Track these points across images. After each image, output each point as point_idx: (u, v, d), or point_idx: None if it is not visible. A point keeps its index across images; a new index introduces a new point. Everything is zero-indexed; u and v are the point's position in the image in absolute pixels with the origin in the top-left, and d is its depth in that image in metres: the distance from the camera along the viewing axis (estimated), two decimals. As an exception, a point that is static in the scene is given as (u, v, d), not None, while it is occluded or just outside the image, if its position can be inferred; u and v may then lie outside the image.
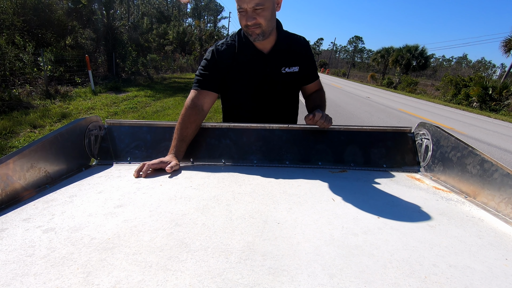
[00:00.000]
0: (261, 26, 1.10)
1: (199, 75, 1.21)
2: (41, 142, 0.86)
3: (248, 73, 1.23)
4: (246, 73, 1.23)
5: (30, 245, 0.55)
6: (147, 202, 0.74)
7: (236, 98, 1.30)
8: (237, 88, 1.27)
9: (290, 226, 0.65)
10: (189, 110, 1.14)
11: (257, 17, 1.08)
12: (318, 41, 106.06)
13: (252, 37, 1.13)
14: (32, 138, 4.33)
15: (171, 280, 0.47)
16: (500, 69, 67.54)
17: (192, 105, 1.15)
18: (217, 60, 1.20)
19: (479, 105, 15.95)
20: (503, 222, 0.73)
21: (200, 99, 1.17)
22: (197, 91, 1.18)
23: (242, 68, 1.22)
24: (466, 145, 0.93)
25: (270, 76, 1.24)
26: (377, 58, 33.04)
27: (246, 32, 1.15)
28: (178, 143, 1.07)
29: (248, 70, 1.22)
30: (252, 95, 1.27)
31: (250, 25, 1.09)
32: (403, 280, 0.49)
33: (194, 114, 1.13)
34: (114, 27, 12.04)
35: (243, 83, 1.25)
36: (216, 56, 1.21)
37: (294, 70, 1.26)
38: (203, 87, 1.19)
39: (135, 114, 6.29)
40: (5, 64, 6.75)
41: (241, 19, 1.11)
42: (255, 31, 1.11)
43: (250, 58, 1.21)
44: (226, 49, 1.21)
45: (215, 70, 1.20)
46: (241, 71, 1.23)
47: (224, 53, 1.21)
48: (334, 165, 1.12)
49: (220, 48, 1.22)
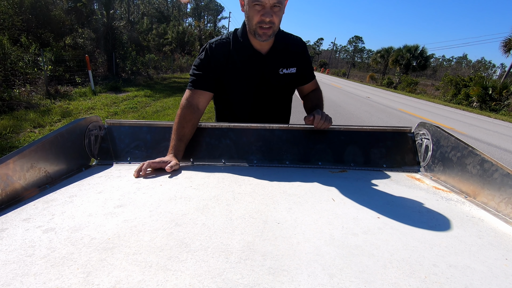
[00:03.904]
0: (273, 26, 1.07)
1: (193, 75, 1.19)
2: (41, 142, 0.86)
3: (245, 74, 1.21)
4: (243, 73, 1.21)
5: (30, 245, 0.55)
6: (147, 202, 0.74)
7: (231, 98, 1.29)
8: (233, 89, 1.25)
9: (290, 226, 0.65)
10: (184, 110, 1.13)
11: (274, 15, 1.04)
12: (318, 41, 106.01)
13: (262, 37, 1.09)
14: (32, 138, 4.33)
15: (171, 280, 0.47)
16: (500, 69, 67.57)
17: (187, 105, 1.15)
18: (210, 59, 1.18)
19: (479, 105, 15.95)
20: (503, 222, 0.73)
21: (194, 98, 1.17)
22: (191, 90, 1.18)
23: (238, 68, 1.20)
24: (466, 145, 0.93)
25: (268, 77, 1.22)
26: (377, 58, 33.04)
27: (255, 30, 1.09)
28: (176, 143, 1.07)
29: (245, 70, 1.21)
30: (248, 95, 1.26)
31: (267, 22, 1.04)
32: (403, 280, 0.49)
33: (190, 113, 1.13)
34: (114, 27, 12.03)
35: (239, 84, 1.23)
36: (210, 54, 1.18)
37: (292, 71, 1.24)
38: (197, 87, 1.17)
39: (135, 114, 6.29)
40: (6, 64, 6.75)
41: (254, 14, 1.04)
42: (267, 32, 1.07)
43: (248, 58, 1.19)
44: (220, 47, 1.19)
45: (209, 69, 1.18)
46: (238, 71, 1.21)
47: (217, 51, 1.18)
48: (334, 165, 1.11)
49: (213, 46, 1.19)
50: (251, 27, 1.10)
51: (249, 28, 1.13)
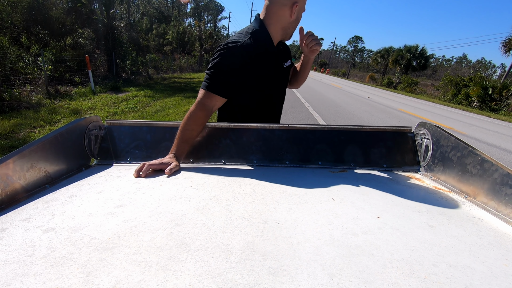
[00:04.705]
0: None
1: (212, 76, 1.12)
2: (41, 142, 0.86)
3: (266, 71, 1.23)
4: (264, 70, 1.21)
5: (30, 245, 0.55)
6: (147, 202, 0.74)
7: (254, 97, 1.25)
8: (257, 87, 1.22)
9: (290, 226, 0.65)
10: (199, 112, 1.09)
11: None
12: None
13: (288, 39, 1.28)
14: (32, 138, 4.33)
15: (171, 280, 0.47)
16: (500, 69, 67.55)
17: (203, 107, 1.10)
18: (234, 61, 1.12)
19: (479, 105, 15.95)
20: (503, 222, 0.73)
21: (211, 101, 1.12)
22: (208, 93, 1.12)
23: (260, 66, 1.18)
24: (466, 145, 0.93)
25: (280, 71, 1.32)
26: (377, 58, 33.06)
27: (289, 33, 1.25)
28: (180, 144, 1.05)
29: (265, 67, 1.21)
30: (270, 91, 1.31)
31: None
32: (403, 280, 0.49)
33: (204, 117, 1.10)
34: (114, 27, 12.03)
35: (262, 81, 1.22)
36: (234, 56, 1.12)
37: (289, 64, 1.39)
38: (216, 91, 1.12)
39: (135, 114, 6.29)
40: (5, 64, 6.75)
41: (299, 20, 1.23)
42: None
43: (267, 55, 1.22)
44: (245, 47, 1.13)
45: (232, 73, 1.13)
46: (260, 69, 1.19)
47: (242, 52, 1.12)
48: (334, 165, 1.11)
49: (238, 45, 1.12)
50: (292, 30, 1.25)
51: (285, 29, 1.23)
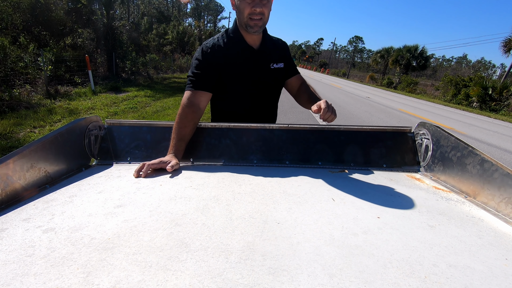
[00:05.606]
0: (263, 18, 1.14)
1: (192, 76, 1.20)
2: (41, 142, 0.86)
3: (242, 70, 1.24)
4: (240, 70, 1.24)
5: (30, 245, 0.55)
6: (147, 202, 0.74)
7: (230, 96, 1.30)
8: (232, 87, 1.26)
9: (290, 226, 0.65)
10: (186, 109, 1.14)
11: (263, 7, 1.11)
12: (318, 41, 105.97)
13: (254, 29, 1.15)
14: (32, 138, 4.33)
15: (171, 280, 0.47)
16: (500, 69, 67.58)
17: (189, 104, 1.15)
18: (208, 59, 1.20)
19: (479, 105, 15.95)
20: (503, 222, 0.73)
21: (196, 98, 1.17)
22: (191, 91, 1.18)
23: (235, 65, 1.23)
24: (466, 145, 0.93)
25: (261, 72, 1.27)
26: (377, 58, 33.05)
27: (246, 23, 1.15)
28: (177, 143, 1.07)
29: (241, 67, 1.23)
30: (246, 92, 1.28)
31: (257, 13, 1.11)
32: (403, 280, 0.49)
33: (191, 113, 1.14)
34: (114, 27, 12.03)
35: (237, 81, 1.25)
36: (207, 55, 1.20)
37: (280, 66, 1.33)
38: (197, 87, 1.18)
39: (135, 114, 6.29)
40: (6, 64, 6.75)
41: (245, 7, 1.11)
42: (258, 23, 1.14)
43: (242, 54, 1.23)
44: (216, 47, 1.21)
45: (208, 69, 1.20)
46: (235, 68, 1.23)
47: (214, 51, 1.21)
48: (334, 165, 1.11)
49: (209, 46, 1.21)
50: (242, 21, 1.16)
51: (240, 22, 1.19)
